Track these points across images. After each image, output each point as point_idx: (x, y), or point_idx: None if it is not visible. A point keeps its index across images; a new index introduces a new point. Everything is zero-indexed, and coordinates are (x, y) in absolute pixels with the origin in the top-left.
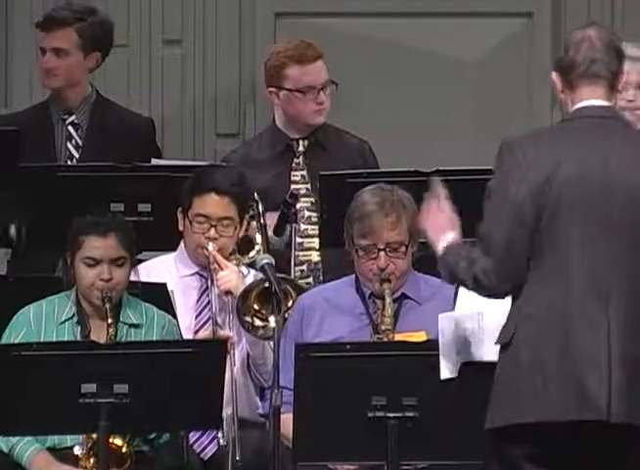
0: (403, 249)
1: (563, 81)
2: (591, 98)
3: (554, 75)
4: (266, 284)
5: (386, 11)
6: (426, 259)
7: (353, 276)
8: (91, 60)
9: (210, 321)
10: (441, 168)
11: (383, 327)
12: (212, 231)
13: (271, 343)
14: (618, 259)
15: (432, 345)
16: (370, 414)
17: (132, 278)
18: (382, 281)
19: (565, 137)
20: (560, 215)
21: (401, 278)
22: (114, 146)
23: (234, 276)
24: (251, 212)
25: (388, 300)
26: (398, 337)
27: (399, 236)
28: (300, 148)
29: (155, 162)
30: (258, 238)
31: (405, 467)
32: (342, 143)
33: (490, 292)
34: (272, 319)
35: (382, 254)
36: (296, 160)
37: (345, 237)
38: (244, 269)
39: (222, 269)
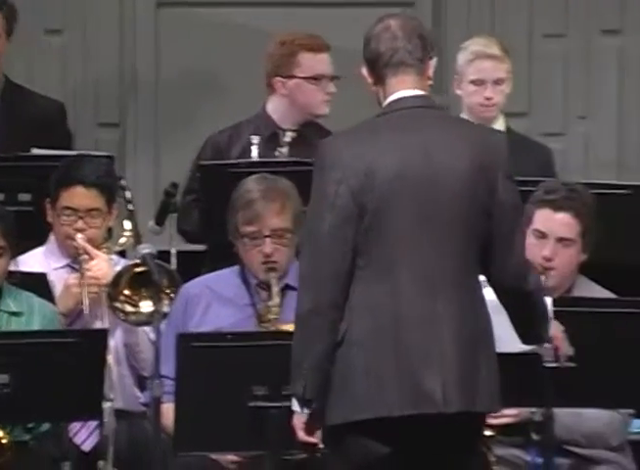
0: (289, 236)
1: (372, 74)
2: (402, 88)
3: (363, 70)
4: (137, 269)
5: (267, 0)
6: None
7: (239, 266)
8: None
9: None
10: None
11: (269, 316)
12: (80, 223)
13: (147, 330)
14: (446, 253)
15: None
16: (251, 404)
17: (12, 268)
18: (268, 269)
19: (382, 131)
20: (383, 212)
21: (286, 267)
22: (24, 131)
23: (104, 264)
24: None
25: (275, 288)
26: (282, 327)
27: (284, 223)
28: (287, 138)
29: (35, 151)
30: (127, 225)
31: (287, 457)
32: None
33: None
34: (144, 304)
35: (267, 240)
36: (280, 149)
37: (229, 226)
38: (114, 258)
39: (92, 259)
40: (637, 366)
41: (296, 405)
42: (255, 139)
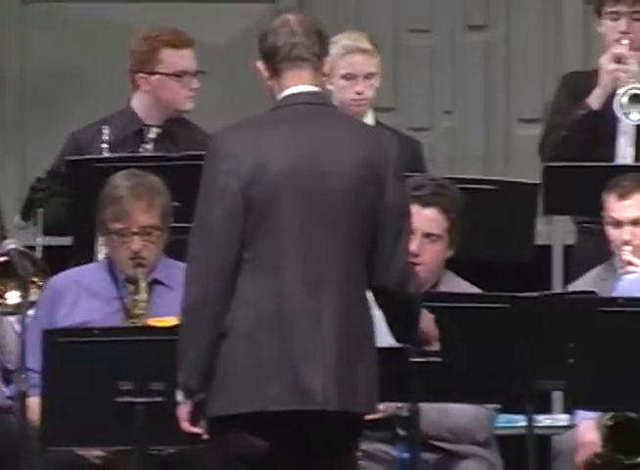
0: (157, 233)
1: (268, 68)
2: (298, 84)
3: (259, 64)
4: (1, 260)
5: None
6: (177, 245)
7: (107, 260)
8: None
9: None
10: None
11: (137, 311)
12: None
13: (14, 323)
14: (332, 251)
15: None
16: (117, 399)
17: None
18: (136, 265)
19: (274, 126)
20: (271, 206)
21: (154, 262)
22: None
23: None
24: None
25: (142, 284)
26: (149, 322)
27: (152, 220)
28: (152, 135)
29: None
30: None
31: (154, 452)
32: (192, 138)
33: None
34: (10, 295)
35: (135, 237)
36: (144, 146)
37: (97, 222)
38: None
39: None
40: (501, 361)
41: (180, 396)
42: (106, 129)
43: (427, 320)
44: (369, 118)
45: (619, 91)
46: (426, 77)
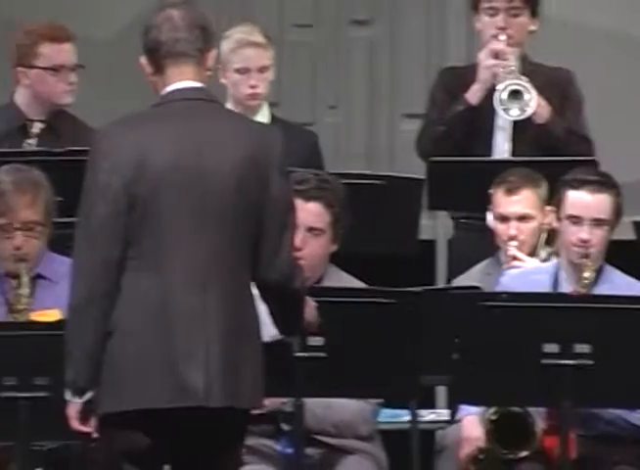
0: (39, 228)
1: (152, 64)
2: (181, 79)
3: (142, 59)
4: None
5: None
6: (61, 239)
7: None
8: None
9: None
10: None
11: (19, 306)
12: None
13: None
14: (216, 248)
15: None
16: (1, 395)
17: None
18: (17, 260)
19: (157, 122)
20: (155, 204)
21: (36, 258)
22: None
23: None
24: None
25: (24, 279)
26: (33, 316)
27: (35, 215)
28: (35, 130)
29: None
30: None
31: (36, 447)
32: (76, 133)
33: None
34: None
35: (18, 233)
36: (28, 141)
37: None
38: None
39: None
40: (385, 356)
41: (68, 394)
42: None
43: (309, 308)
44: (264, 112)
45: (499, 87)
46: (309, 72)
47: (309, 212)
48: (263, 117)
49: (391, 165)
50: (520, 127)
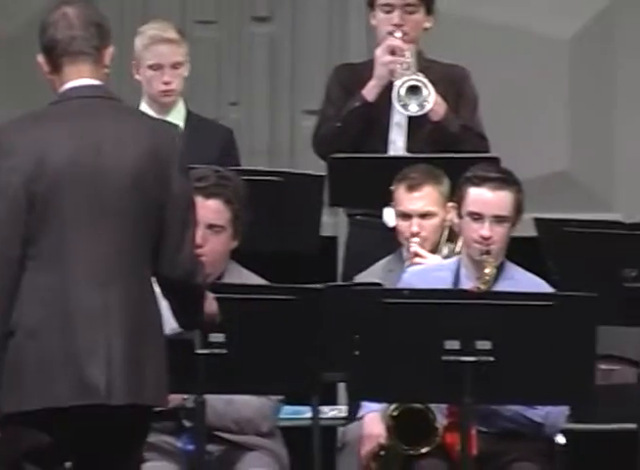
0: None
1: (49, 62)
2: (78, 77)
3: (40, 58)
4: None
5: None
6: None
7: None
8: None
9: None
10: None
11: None
12: None
13: None
14: (117, 246)
15: None
16: None
17: None
18: None
19: (55, 121)
20: (55, 202)
21: None
22: None
23: None
24: None
25: None
26: None
27: None
28: None
29: None
30: None
31: None
32: None
33: None
34: None
35: None
36: None
37: None
38: None
39: None
40: (287, 353)
41: None
42: None
43: (209, 302)
44: (179, 108)
45: (397, 83)
46: (212, 69)
47: (209, 210)
48: (179, 112)
49: (293, 162)
50: (415, 124)
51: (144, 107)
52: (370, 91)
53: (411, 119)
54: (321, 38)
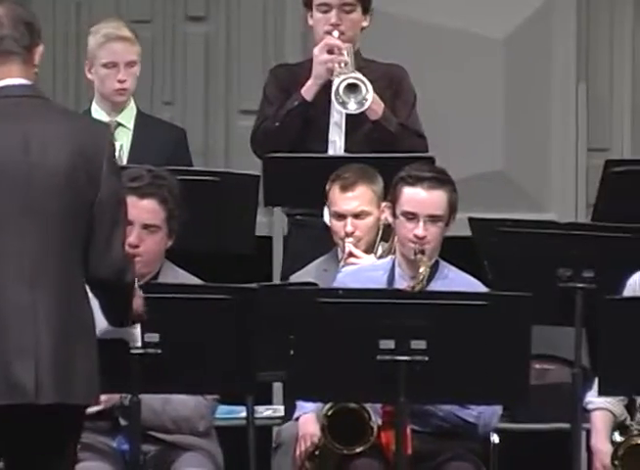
0: None
1: None
2: (7, 77)
3: None
4: None
5: None
6: None
7: None
8: None
9: None
10: None
11: None
12: None
13: None
14: (47, 244)
15: None
16: None
17: None
18: None
19: None
20: None
21: None
22: None
23: None
24: None
25: None
26: None
27: None
28: None
29: None
30: None
31: None
32: None
33: None
34: None
35: None
36: None
37: None
38: None
39: None
40: (222, 352)
41: None
42: None
43: (137, 299)
44: (132, 108)
45: (336, 81)
46: (146, 68)
47: (144, 209)
48: (131, 112)
49: (228, 162)
50: (353, 123)
51: (95, 107)
52: (308, 90)
53: (349, 119)
54: (256, 38)
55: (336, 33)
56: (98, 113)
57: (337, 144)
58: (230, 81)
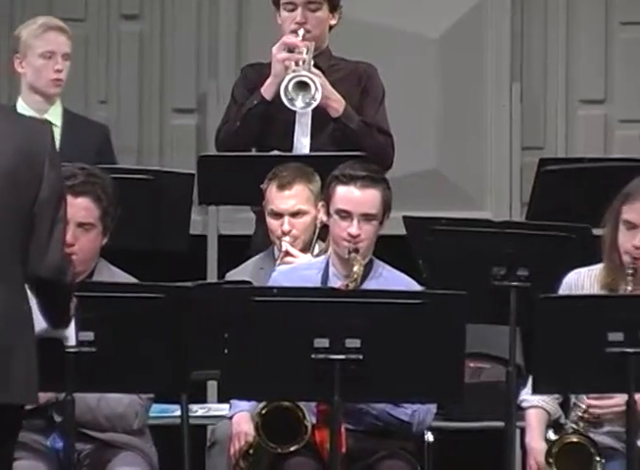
0: None
1: None
2: None
3: None
4: None
5: None
6: None
7: None
8: None
9: None
10: None
11: None
12: None
13: None
14: None
15: None
16: None
17: None
18: None
19: None
20: None
21: None
22: None
23: None
24: None
25: None
26: None
27: None
28: None
29: None
30: None
31: None
32: None
33: None
34: None
35: None
36: None
37: None
38: None
39: None
40: (156, 351)
41: None
42: None
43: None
44: (58, 106)
45: (286, 78)
46: (81, 67)
47: (78, 208)
48: (57, 109)
49: (162, 160)
50: (318, 121)
51: (21, 104)
52: (267, 89)
53: (314, 117)
54: (190, 37)
55: (301, 32)
56: (24, 109)
57: (301, 142)
58: (164, 80)
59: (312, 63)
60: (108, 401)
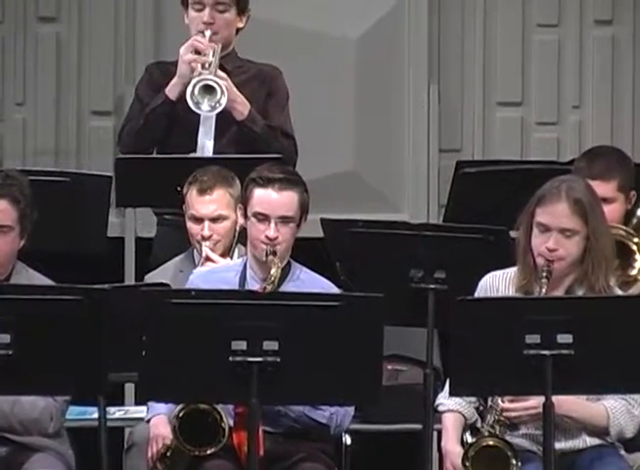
0: None
1: None
2: None
3: None
4: None
5: None
6: None
7: None
8: None
9: None
10: None
11: None
12: None
13: None
14: None
15: None
16: None
17: None
18: None
19: None
20: None
21: None
22: None
23: None
24: None
25: None
26: None
27: None
28: None
29: None
30: None
31: None
32: None
33: None
34: None
35: None
36: None
37: None
38: None
39: None
40: (74, 353)
41: None
42: None
43: None
44: None
45: (193, 82)
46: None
47: None
48: None
49: (79, 162)
50: (221, 124)
51: None
52: (172, 89)
53: (218, 120)
54: (108, 39)
55: (208, 33)
56: None
57: (204, 144)
58: (82, 82)
59: (218, 65)
60: (22, 406)
